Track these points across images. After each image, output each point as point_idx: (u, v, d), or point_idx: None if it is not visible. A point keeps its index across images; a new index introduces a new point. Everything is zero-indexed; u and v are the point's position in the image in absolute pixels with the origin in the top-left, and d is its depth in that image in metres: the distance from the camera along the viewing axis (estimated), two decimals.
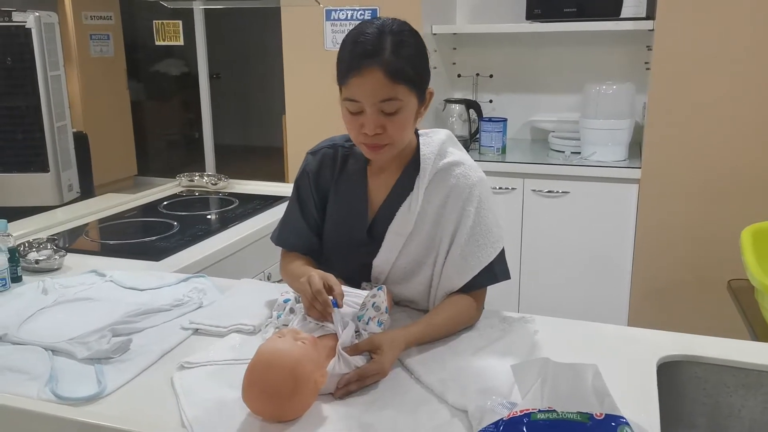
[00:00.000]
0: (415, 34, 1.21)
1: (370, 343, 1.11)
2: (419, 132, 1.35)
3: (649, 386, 1.09)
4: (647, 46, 2.92)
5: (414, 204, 1.28)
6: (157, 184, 2.76)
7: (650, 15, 2.70)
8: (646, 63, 2.95)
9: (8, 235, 1.56)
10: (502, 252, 1.32)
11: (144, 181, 6.22)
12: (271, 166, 5.66)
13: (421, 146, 1.31)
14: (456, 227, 1.28)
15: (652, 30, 2.63)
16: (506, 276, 1.33)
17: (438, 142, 1.31)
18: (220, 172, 2.66)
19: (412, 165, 1.31)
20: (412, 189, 1.29)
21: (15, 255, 1.55)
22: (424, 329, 1.21)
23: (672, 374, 1.21)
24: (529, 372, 0.88)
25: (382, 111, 1.17)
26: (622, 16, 2.76)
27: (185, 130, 7.63)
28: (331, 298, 1.13)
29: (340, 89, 1.21)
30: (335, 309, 1.12)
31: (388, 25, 1.18)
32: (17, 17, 3.87)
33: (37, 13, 3.88)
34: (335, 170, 1.37)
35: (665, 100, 2.61)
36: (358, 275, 1.35)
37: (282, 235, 1.44)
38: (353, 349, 1.10)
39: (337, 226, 1.37)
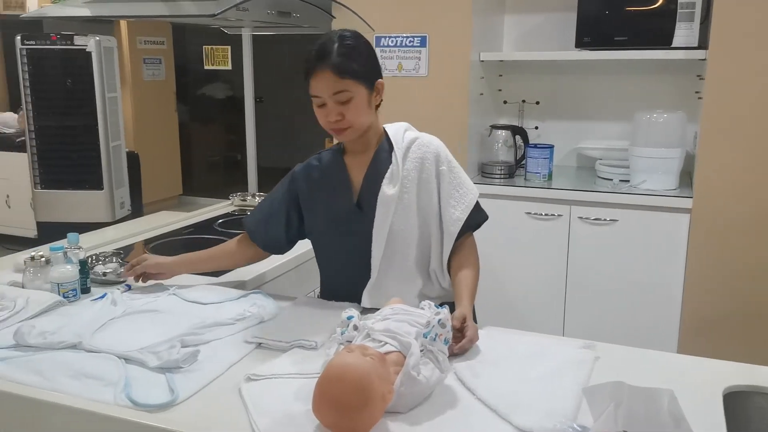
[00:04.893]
0: (359, 37, 1.47)
1: (458, 318, 1.33)
2: (384, 126, 1.59)
3: (717, 415, 1.08)
4: (698, 75, 2.91)
5: (395, 170, 1.51)
6: (201, 203, 2.83)
7: (702, 44, 2.69)
8: (697, 92, 2.93)
9: (79, 248, 1.63)
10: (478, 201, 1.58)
11: (188, 200, 6.36)
12: None
13: (388, 131, 1.57)
14: (437, 186, 1.52)
15: (704, 59, 2.61)
16: (486, 215, 1.60)
17: (402, 128, 1.57)
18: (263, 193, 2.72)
19: (383, 145, 1.55)
20: (390, 162, 1.52)
21: (85, 267, 1.62)
22: (470, 297, 1.45)
23: (736, 404, 1.19)
24: (601, 395, 0.89)
25: (338, 101, 1.42)
26: (673, 45, 2.75)
27: (228, 152, 7.79)
28: None
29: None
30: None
31: (336, 33, 1.45)
32: (78, 41, 4.04)
33: (98, 38, 4.04)
34: (319, 168, 1.60)
35: (717, 130, 2.59)
36: (358, 252, 1.52)
37: (247, 218, 1.67)
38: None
39: (328, 206, 1.57)
